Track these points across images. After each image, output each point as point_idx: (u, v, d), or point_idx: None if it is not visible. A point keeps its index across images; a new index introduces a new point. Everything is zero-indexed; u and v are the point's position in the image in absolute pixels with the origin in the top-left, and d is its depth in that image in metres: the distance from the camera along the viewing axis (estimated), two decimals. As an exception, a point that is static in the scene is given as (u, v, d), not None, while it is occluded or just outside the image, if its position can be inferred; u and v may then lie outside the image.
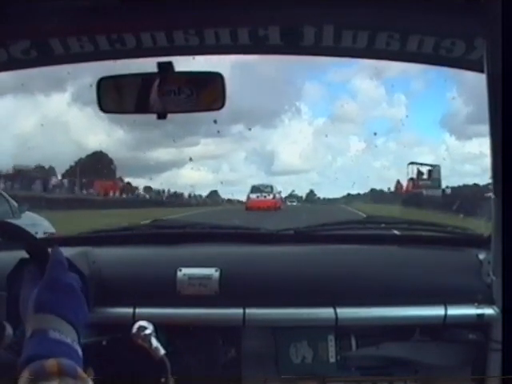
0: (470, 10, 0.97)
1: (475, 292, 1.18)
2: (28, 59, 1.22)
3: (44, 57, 1.22)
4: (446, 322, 1.19)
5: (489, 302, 1.17)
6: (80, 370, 0.76)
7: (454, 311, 1.18)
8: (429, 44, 1.14)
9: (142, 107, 1.13)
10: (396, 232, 1.53)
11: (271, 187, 17.86)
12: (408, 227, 1.58)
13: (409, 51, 1.16)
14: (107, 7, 1.03)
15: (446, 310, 1.18)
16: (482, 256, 1.22)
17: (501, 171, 0.99)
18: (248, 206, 15.96)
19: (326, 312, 1.19)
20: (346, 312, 1.19)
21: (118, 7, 1.03)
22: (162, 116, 1.12)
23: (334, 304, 1.19)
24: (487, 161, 1.03)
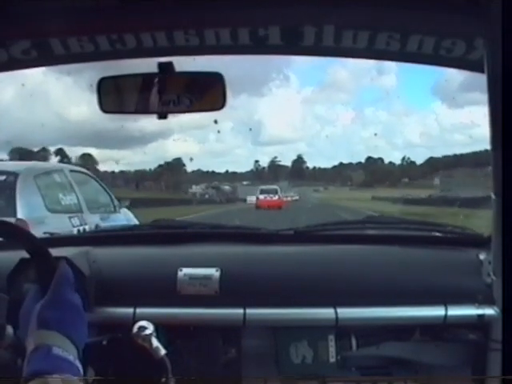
0: (470, 9, 0.97)
1: (475, 292, 1.18)
2: (28, 59, 1.21)
3: (44, 57, 1.22)
4: (446, 322, 1.19)
5: (489, 302, 1.17)
6: None
7: (455, 311, 1.18)
8: (429, 44, 1.14)
9: (142, 107, 1.14)
10: (396, 232, 1.53)
11: (276, 190, 22.03)
12: (408, 227, 1.58)
13: (409, 51, 1.16)
14: (107, 7, 1.03)
15: (446, 310, 1.18)
16: (482, 256, 1.22)
17: (501, 171, 0.99)
18: (258, 205, 19.75)
19: (326, 312, 1.19)
20: (347, 312, 1.19)
21: (118, 7, 1.03)
22: (162, 116, 1.12)
23: (334, 304, 1.19)
24: (478, 130, 1.02)
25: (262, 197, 21.12)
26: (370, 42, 1.14)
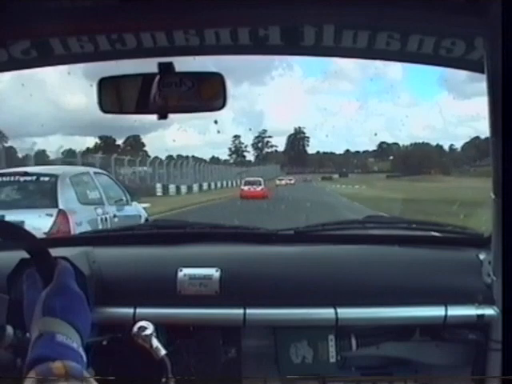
0: (470, 9, 0.97)
1: (475, 292, 1.19)
2: (28, 59, 1.21)
3: (44, 57, 1.22)
4: (446, 322, 1.19)
5: (489, 302, 1.17)
6: (86, 373, 0.78)
7: (455, 311, 1.18)
8: (429, 44, 1.14)
9: (142, 107, 1.13)
10: (396, 232, 1.53)
11: (260, 181, 23.47)
12: (408, 227, 1.58)
13: (409, 51, 1.16)
14: (107, 7, 1.03)
15: (446, 310, 1.18)
16: (482, 256, 1.23)
17: (501, 171, 0.99)
18: (242, 195, 21.28)
19: (326, 312, 1.19)
20: (346, 312, 1.19)
21: (118, 7, 1.03)
22: (162, 116, 1.12)
23: (334, 304, 1.19)
24: (484, 123, 1.02)
25: (245, 188, 22.68)
26: (369, 42, 1.14)
